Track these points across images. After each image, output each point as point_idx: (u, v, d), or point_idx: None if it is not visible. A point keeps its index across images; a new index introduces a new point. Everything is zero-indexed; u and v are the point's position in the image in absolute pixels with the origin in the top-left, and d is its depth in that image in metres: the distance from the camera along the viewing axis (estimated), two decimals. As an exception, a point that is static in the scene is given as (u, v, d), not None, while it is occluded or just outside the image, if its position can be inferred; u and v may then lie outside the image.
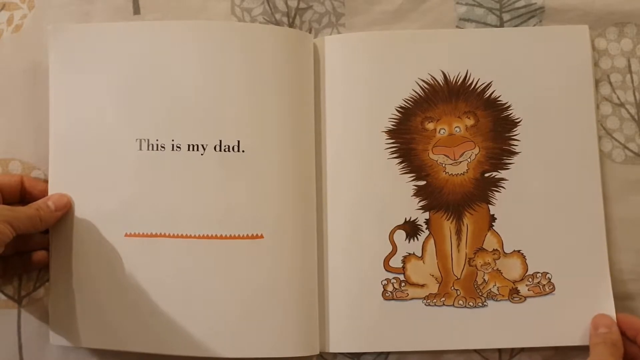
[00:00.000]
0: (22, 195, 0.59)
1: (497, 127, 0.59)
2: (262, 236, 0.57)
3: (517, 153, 0.58)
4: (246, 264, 0.57)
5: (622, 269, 0.58)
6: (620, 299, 0.58)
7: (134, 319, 0.57)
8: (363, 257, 0.58)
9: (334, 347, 0.58)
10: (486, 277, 0.58)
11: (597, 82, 0.60)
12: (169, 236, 0.57)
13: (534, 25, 0.61)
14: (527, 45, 0.59)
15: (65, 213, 0.58)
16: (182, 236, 0.57)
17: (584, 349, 0.56)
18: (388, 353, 0.59)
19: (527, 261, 0.58)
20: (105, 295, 0.57)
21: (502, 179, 0.58)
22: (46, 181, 0.59)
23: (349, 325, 0.58)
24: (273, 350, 0.56)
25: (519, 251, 0.58)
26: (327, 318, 0.58)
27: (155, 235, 0.57)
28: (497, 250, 0.58)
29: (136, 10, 0.63)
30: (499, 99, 0.59)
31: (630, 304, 0.58)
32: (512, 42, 0.60)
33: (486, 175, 0.58)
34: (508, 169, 0.58)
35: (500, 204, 0.58)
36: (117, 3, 0.63)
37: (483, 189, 0.58)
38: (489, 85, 0.59)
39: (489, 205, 0.58)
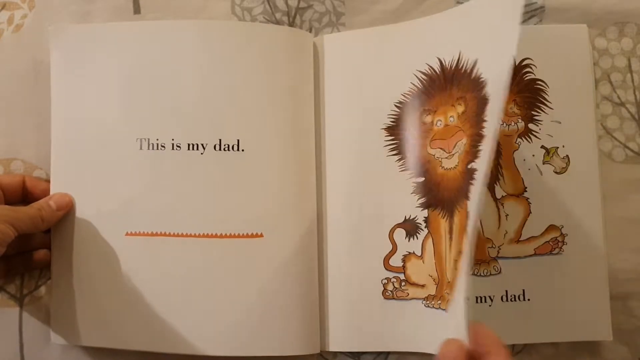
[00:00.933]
0: (24, 195, 0.59)
1: (480, 110, 0.53)
2: (261, 235, 0.57)
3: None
4: (246, 263, 0.57)
5: (622, 268, 0.59)
6: (620, 298, 0.58)
7: (134, 317, 0.57)
8: (363, 255, 0.58)
9: (334, 346, 0.58)
10: None
11: (597, 82, 0.61)
12: (170, 235, 0.57)
13: (535, 24, 0.61)
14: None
15: (66, 212, 0.58)
16: (182, 235, 0.57)
17: (584, 347, 0.57)
18: (388, 353, 0.59)
19: None
20: (106, 294, 0.58)
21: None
22: (48, 181, 0.60)
23: (349, 324, 0.58)
24: (273, 348, 0.57)
25: None
26: (327, 317, 0.58)
27: (156, 234, 0.58)
28: None
29: (137, 10, 0.63)
30: (481, 76, 0.54)
31: (631, 303, 0.59)
32: None
33: (469, 167, 0.54)
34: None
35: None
36: (117, 3, 0.63)
37: (467, 183, 0.53)
38: (475, 63, 0.55)
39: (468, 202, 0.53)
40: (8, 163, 0.61)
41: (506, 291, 0.58)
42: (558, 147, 0.58)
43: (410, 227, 0.58)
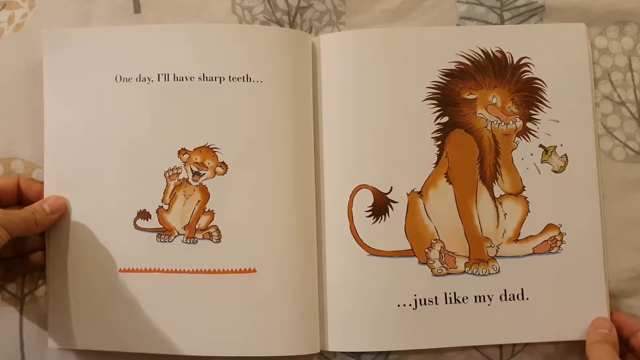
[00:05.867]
0: (19, 197, 0.61)
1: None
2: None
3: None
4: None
5: (622, 267, 0.60)
6: (620, 297, 0.60)
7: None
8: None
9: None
10: None
11: (597, 81, 0.62)
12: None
13: (535, 23, 0.63)
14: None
15: (61, 216, 0.59)
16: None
17: (583, 346, 0.58)
18: (388, 352, 0.60)
19: None
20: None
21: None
22: (41, 182, 0.61)
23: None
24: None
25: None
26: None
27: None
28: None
29: (137, 9, 0.64)
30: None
31: (630, 301, 0.61)
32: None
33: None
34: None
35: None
36: (117, 1, 0.64)
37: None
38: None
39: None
40: (8, 162, 0.63)
41: (505, 290, 0.60)
42: (556, 146, 0.60)
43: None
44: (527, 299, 0.59)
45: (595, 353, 0.56)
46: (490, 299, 0.59)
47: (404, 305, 0.59)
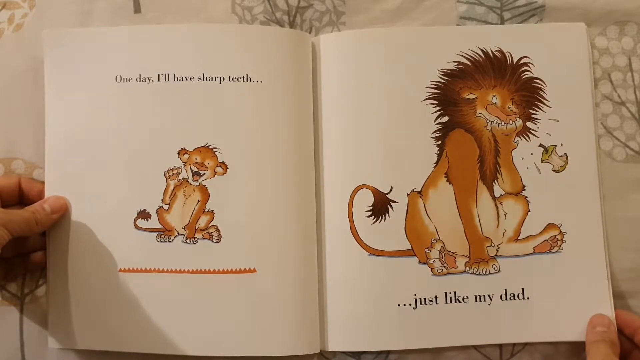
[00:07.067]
0: (20, 196, 0.61)
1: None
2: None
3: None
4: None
5: (622, 267, 0.61)
6: (621, 297, 0.60)
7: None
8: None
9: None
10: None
11: (597, 81, 0.63)
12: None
13: (535, 23, 0.63)
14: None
15: (61, 215, 0.60)
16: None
17: (584, 347, 0.58)
18: (388, 352, 0.61)
19: None
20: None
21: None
22: (43, 182, 0.61)
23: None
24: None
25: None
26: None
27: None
28: None
29: (137, 9, 0.64)
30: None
31: (631, 302, 0.61)
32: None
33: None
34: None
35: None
36: (118, 1, 0.64)
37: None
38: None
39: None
40: (9, 162, 0.63)
41: (505, 290, 0.60)
42: (556, 146, 0.60)
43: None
44: (528, 298, 0.59)
45: (592, 353, 0.56)
46: (491, 299, 0.59)
47: (404, 305, 0.59)
